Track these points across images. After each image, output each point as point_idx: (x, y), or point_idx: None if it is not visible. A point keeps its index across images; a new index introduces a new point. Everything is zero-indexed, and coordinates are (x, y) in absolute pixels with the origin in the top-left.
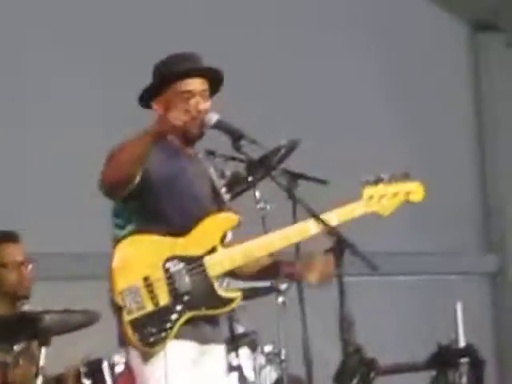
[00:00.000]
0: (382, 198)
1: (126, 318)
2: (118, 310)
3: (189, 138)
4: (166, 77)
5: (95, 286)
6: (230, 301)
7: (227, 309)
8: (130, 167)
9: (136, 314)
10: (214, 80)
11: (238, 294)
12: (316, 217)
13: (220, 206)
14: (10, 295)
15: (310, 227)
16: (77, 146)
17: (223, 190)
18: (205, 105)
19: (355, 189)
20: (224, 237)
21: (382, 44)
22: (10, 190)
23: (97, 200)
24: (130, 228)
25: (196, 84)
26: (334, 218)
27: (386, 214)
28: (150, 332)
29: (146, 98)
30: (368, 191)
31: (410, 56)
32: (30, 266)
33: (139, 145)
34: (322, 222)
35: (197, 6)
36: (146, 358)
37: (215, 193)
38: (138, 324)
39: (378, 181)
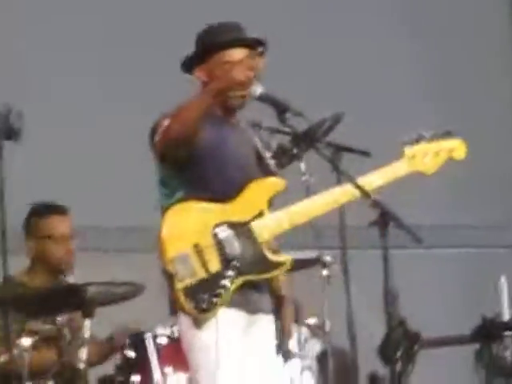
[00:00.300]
0: (425, 156)
1: (178, 285)
2: (169, 277)
3: (230, 106)
4: (209, 47)
5: (140, 259)
6: (280, 264)
7: (277, 272)
8: (194, 124)
9: (188, 281)
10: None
11: (287, 258)
12: (360, 188)
13: (266, 173)
14: (54, 267)
15: (354, 190)
16: (125, 121)
17: (268, 156)
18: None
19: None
20: (271, 201)
21: (422, 21)
22: (58, 166)
23: (142, 173)
24: (177, 197)
25: (239, 54)
26: (377, 179)
27: (430, 172)
28: (202, 298)
29: (188, 65)
30: (410, 150)
31: (451, 32)
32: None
33: (202, 102)
34: (368, 195)
35: None
36: (197, 325)
37: (260, 161)
38: (190, 291)
39: (419, 139)
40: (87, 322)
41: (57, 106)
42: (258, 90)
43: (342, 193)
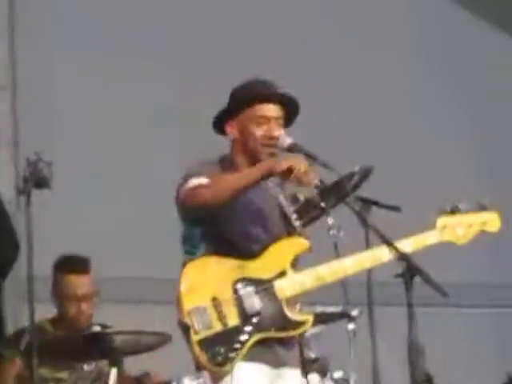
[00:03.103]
0: (457, 227)
1: (195, 337)
2: (186, 330)
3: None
4: (245, 99)
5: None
6: (301, 323)
7: (298, 331)
8: (232, 199)
9: (204, 334)
10: (290, 109)
11: (308, 317)
12: (389, 244)
13: (290, 232)
14: (71, 324)
15: (382, 254)
16: (156, 171)
17: (294, 216)
18: (278, 132)
19: (429, 214)
20: (295, 261)
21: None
22: (87, 216)
23: (169, 226)
24: (199, 253)
25: (273, 110)
26: (407, 245)
27: (460, 243)
28: (218, 352)
29: (219, 123)
30: (442, 220)
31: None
32: (94, 299)
33: (250, 179)
34: (395, 248)
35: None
36: (216, 379)
37: (285, 219)
38: (207, 344)
39: (454, 210)
40: (114, 371)
41: (85, 156)
42: (286, 140)
43: (370, 257)
